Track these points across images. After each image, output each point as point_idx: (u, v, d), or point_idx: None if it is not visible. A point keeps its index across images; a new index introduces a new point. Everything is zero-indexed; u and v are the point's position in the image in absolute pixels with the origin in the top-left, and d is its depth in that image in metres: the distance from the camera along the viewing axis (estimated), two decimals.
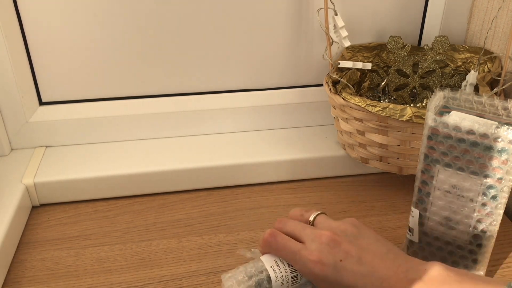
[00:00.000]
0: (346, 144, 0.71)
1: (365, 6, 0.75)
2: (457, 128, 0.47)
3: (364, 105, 0.62)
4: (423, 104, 0.75)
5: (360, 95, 0.72)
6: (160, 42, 0.72)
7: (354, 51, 0.75)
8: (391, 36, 0.75)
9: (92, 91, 0.75)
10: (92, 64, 0.72)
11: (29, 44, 0.70)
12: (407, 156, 0.65)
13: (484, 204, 0.49)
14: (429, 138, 0.49)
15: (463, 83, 0.71)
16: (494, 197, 0.48)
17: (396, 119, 0.61)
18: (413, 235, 0.54)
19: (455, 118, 0.48)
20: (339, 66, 0.72)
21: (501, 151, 0.46)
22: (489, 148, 0.46)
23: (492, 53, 0.70)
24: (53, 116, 0.74)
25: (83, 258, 0.60)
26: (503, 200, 0.48)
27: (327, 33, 0.71)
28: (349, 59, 0.74)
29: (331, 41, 0.71)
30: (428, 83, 0.76)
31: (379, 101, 0.74)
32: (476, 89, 0.69)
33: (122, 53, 0.72)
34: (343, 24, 0.71)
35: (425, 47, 0.75)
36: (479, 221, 0.50)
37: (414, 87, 0.77)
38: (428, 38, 0.78)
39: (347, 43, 0.72)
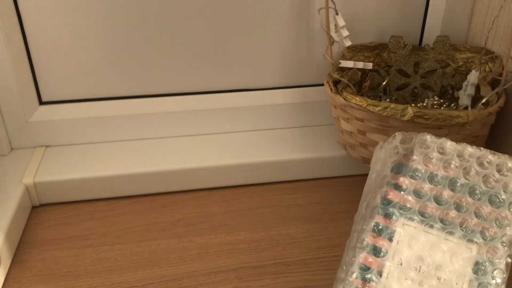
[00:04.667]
0: (347, 144, 0.71)
1: (366, 5, 0.75)
2: None
3: (365, 104, 0.62)
4: (424, 103, 0.75)
5: (361, 95, 0.72)
6: (160, 42, 0.72)
7: (355, 51, 0.75)
8: (392, 35, 0.75)
9: (92, 91, 0.74)
10: (92, 64, 0.72)
11: (29, 44, 0.70)
12: None
13: None
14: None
15: (464, 83, 0.71)
16: None
17: (397, 119, 0.61)
18: None
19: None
20: (340, 65, 0.71)
21: None
22: None
23: (493, 52, 0.70)
24: (53, 115, 0.73)
25: (83, 258, 0.60)
26: None
27: (328, 33, 0.70)
28: (350, 59, 0.74)
29: (332, 40, 0.71)
30: (429, 82, 0.76)
31: (380, 100, 0.74)
32: (478, 89, 0.69)
33: (122, 53, 0.72)
34: (344, 23, 0.70)
35: (426, 46, 0.75)
36: None
37: (415, 87, 0.77)
38: (429, 37, 0.77)
39: (348, 43, 0.72)
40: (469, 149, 0.41)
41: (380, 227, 0.38)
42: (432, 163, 0.40)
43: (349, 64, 0.72)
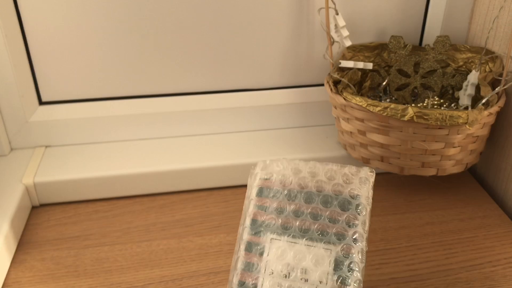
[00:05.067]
0: (347, 144, 0.71)
1: (366, 5, 0.74)
2: None
3: (365, 105, 0.62)
4: (424, 104, 0.75)
5: (361, 95, 0.72)
6: (160, 42, 0.72)
7: (355, 51, 0.75)
8: (392, 35, 0.75)
9: (92, 91, 0.74)
10: (92, 64, 0.72)
11: (29, 44, 0.70)
12: (408, 156, 0.64)
13: None
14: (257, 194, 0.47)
15: (465, 83, 0.71)
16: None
17: (397, 119, 0.61)
18: None
19: None
20: (340, 65, 0.71)
21: None
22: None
23: (493, 53, 0.70)
24: (53, 116, 0.73)
25: (83, 258, 0.60)
26: None
27: (328, 33, 0.70)
28: (350, 59, 0.74)
29: (332, 40, 0.71)
30: (429, 83, 0.75)
31: (380, 101, 0.74)
32: (478, 89, 0.69)
33: (122, 53, 0.72)
34: (344, 23, 0.70)
35: (426, 47, 0.75)
36: None
37: (415, 87, 0.76)
38: (430, 37, 0.77)
39: (348, 43, 0.72)
40: (318, 165, 0.48)
41: (251, 245, 0.45)
42: (288, 183, 0.47)
43: (349, 64, 0.72)
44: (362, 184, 0.46)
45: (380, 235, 0.63)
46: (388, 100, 0.77)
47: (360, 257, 0.43)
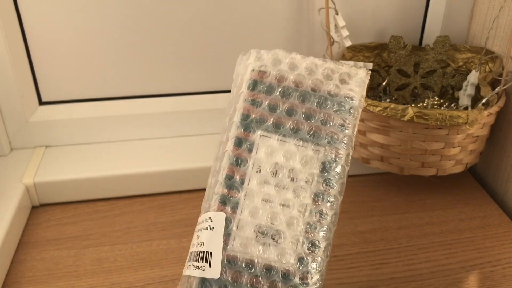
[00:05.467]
0: None
1: (366, 5, 0.74)
2: None
3: (365, 105, 0.62)
4: (424, 104, 0.75)
5: None
6: (160, 42, 0.72)
7: (355, 51, 0.75)
8: (392, 36, 0.75)
9: (92, 91, 0.74)
10: (92, 64, 0.72)
11: (29, 44, 0.70)
12: (408, 156, 0.64)
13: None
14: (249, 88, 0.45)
15: (465, 83, 0.71)
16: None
17: (397, 119, 0.61)
18: (210, 266, 0.39)
19: None
20: None
21: None
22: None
23: (493, 53, 0.70)
24: (53, 116, 0.73)
25: (83, 258, 0.60)
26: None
27: (328, 33, 0.70)
28: (350, 59, 0.74)
29: (332, 40, 0.71)
30: (429, 83, 0.75)
31: (380, 101, 0.74)
32: (478, 89, 0.69)
33: (122, 53, 0.72)
34: (344, 23, 0.70)
35: (426, 47, 0.75)
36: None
37: (415, 87, 0.76)
38: (429, 38, 0.77)
39: (348, 43, 0.72)
40: (317, 61, 0.45)
41: (240, 140, 0.43)
42: (284, 79, 0.44)
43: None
44: (358, 86, 0.44)
45: (380, 235, 0.63)
46: (388, 100, 0.77)
47: (346, 160, 0.42)
